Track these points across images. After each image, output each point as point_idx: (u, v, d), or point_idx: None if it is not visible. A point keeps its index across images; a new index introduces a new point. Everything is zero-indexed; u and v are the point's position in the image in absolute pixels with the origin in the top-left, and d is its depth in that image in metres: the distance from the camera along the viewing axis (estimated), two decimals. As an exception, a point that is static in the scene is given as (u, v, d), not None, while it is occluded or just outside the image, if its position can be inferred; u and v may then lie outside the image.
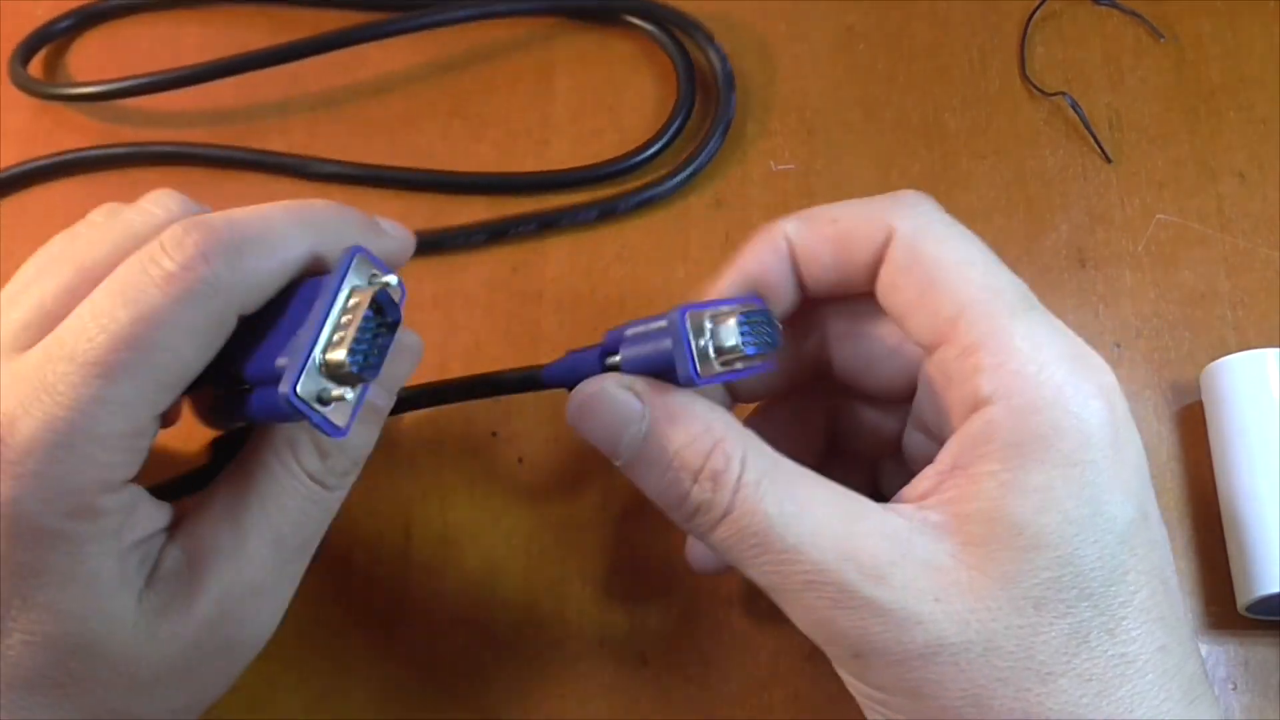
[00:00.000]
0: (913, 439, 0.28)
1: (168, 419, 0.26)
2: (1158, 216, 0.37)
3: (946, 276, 0.24)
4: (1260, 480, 0.31)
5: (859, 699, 0.24)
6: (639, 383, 0.25)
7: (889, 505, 0.24)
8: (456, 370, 0.36)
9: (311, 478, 0.26)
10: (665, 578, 0.33)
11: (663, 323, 0.24)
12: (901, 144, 0.38)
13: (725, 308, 0.24)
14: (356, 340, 0.23)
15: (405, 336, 0.27)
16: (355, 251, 0.24)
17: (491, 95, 0.40)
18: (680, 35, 0.40)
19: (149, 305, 0.22)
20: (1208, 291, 0.36)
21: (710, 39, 0.39)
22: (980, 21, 0.40)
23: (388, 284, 0.24)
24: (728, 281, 0.27)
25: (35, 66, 0.42)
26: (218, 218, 0.24)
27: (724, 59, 0.39)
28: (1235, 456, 0.32)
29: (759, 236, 0.27)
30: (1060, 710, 0.22)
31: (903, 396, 0.27)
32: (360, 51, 0.40)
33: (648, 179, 0.38)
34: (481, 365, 0.36)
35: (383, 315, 0.24)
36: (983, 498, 0.22)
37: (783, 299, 0.27)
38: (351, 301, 0.23)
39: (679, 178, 0.38)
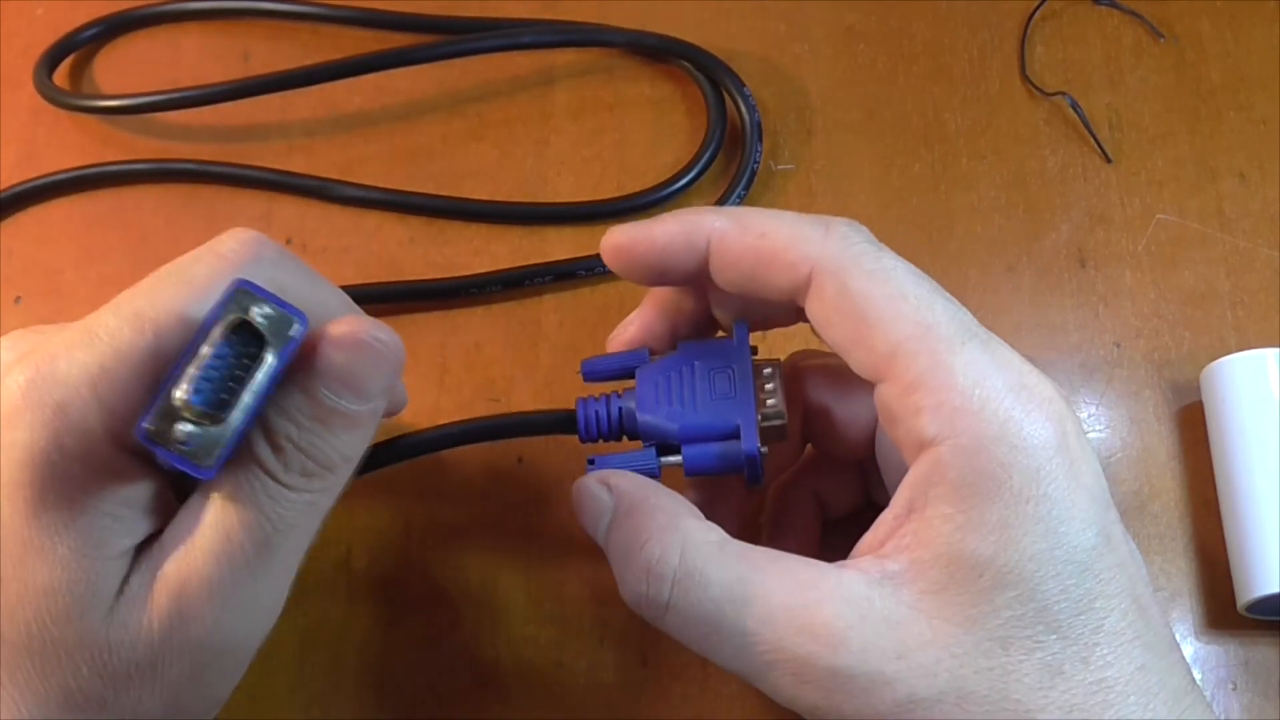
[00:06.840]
0: (881, 443, 0.27)
1: None
2: (1158, 216, 0.37)
3: (877, 313, 0.23)
4: (1260, 480, 0.31)
5: None
6: (613, 476, 0.26)
7: (848, 562, 0.24)
8: (455, 371, 0.36)
9: (261, 468, 0.24)
10: (665, 578, 0.33)
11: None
12: (901, 144, 0.38)
13: None
14: (202, 378, 0.22)
15: (381, 335, 0.24)
16: (237, 284, 0.22)
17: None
18: (713, 77, 0.39)
19: (194, 274, 0.24)
20: (1208, 291, 0.36)
21: (741, 85, 0.39)
22: (980, 21, 0.40)
23: (247, 317, 0.22)
24: (638, 254, 0.27)
25: (60, 75, 0.42)
26: None
27: (753, 109, 0.38)
28: (1235, 456, 0.32)
29: (678, 218, 0.26)
30: None
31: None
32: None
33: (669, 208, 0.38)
34: (481, 365, 0.36)
35: (247, 347, 0.22)
36: (939, 542, 0.22)
37: (676, 281, 0.27)
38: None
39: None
